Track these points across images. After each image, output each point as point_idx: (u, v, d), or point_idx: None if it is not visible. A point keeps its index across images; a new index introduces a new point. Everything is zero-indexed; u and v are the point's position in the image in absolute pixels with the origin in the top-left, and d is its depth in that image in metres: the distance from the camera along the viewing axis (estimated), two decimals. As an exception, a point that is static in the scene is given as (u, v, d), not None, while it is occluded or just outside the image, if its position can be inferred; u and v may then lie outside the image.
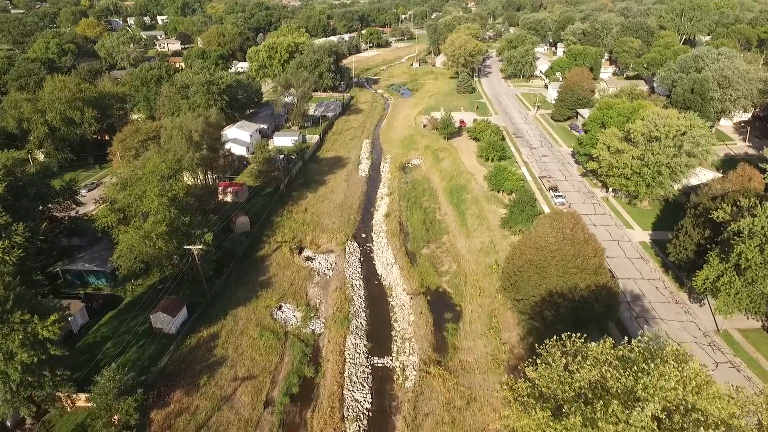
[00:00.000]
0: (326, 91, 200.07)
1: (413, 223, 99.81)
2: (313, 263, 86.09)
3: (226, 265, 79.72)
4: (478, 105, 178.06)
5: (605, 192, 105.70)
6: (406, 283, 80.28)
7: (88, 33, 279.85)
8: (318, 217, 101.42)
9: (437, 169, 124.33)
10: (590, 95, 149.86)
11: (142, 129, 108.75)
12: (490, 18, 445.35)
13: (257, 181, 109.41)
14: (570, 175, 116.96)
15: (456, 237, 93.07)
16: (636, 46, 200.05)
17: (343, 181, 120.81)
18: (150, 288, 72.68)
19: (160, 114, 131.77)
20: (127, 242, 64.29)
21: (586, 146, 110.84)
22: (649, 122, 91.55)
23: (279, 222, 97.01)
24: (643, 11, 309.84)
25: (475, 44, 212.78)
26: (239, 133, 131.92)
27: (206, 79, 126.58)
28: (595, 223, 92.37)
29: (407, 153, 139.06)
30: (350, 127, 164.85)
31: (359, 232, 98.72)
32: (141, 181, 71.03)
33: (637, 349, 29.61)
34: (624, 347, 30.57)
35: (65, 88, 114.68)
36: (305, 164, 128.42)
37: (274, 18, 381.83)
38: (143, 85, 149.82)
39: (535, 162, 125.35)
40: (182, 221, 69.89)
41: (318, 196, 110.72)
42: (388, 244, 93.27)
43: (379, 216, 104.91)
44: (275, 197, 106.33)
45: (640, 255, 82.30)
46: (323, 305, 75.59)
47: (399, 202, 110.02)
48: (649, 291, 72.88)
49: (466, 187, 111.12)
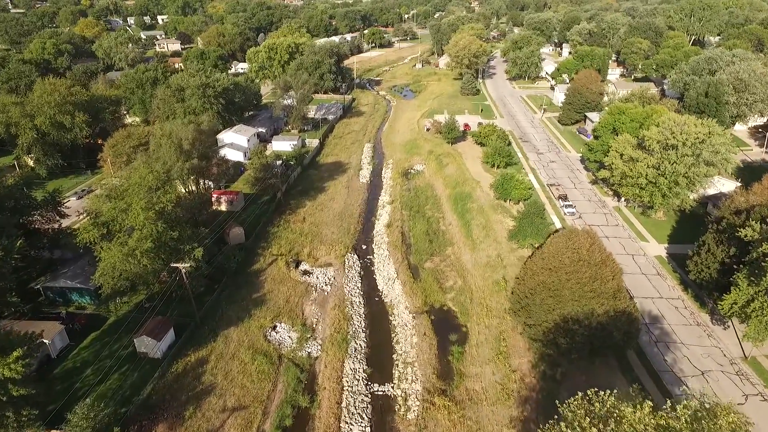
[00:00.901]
0: (327, 93, 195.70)
1: (416, 233, 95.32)
2: (311, 278, 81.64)
3: (218, 281, 75.34)
4: (482, 108, 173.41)
5: (617, 201, 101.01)
6: (409, 301, 75.80)
7: (87, 33, 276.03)
8: (317, 227, 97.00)
9: (441, 176, 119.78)
10: (599, 98, 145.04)
11: (134, 134, 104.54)
12: (493, 18, 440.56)
13: (254, 189, 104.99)
14: (579, 182, 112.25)
15: (461, 249, 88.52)
16: (645, 47, 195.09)
17: (344, 187, 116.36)
18: (136, 306, 68.41)
19: (154, 118, 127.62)
20: (109, 260, 59.96)
21: (597, 152, 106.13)
22: (664, 129, 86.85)
23: (275, 233, 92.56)
24: (650, 11, 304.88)
25: (479, 45, 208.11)
26: (236, 137, 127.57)
27: (202, 82, 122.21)
28: (608, 235, 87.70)
29: (410, 158, 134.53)
30: (351, 130, 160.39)
31: (359, 243, 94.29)
32: (127, 193, 66.73)
33: (683, 417, 24.96)
34: (667, 415, 25.90)
35: (55, 91, 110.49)
36: (304, 170, 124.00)
37: (275, 17, 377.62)
38: (138, 87, 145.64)
39: (543, 168, 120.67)
40: (170, 236, 65.58)
41: (317, 205, 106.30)
42: (389, 256, 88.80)
43: (380, 226, 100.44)
44: (272, 206, 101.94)
45: (657, 271, 77.59)
46: (320, 325, 71.16)
47: (401, 210, 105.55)
48: (668, 311, 68.20)
49: (471, 195, 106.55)
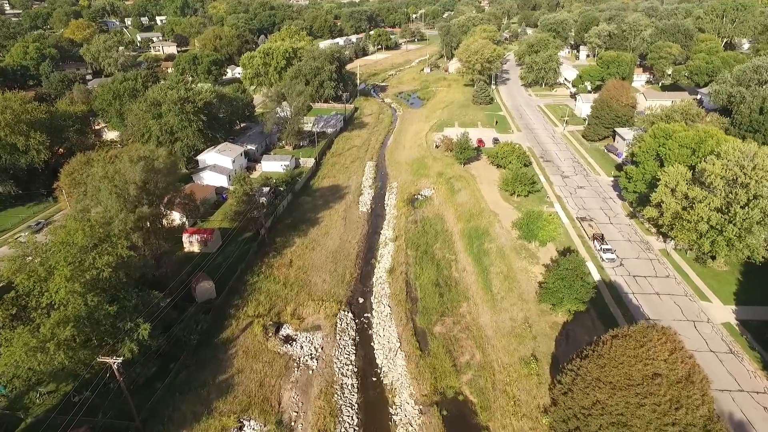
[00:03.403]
0: (328, 102, 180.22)
1: (423, 283, 79.52)
2: (293, 348, 65.94)
3: (175, 358, 59.99)
4: (497, 119, 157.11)
5: (663, 242, 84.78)
6: (414, 385, 60.07)
7: (77, 36, 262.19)
8: (305, 273, 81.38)
9: (452, 205, 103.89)
10: (631, 112, 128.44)
11: (94, 160, 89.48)
12: (504, 18, 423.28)
13: (234, 224, 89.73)
14: (615, 215, 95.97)
15: (478, 307, 72.61)
16: (675, 51, 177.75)
17: (340, 218, 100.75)
18: (63, 400, 53.16)
19: (127, 137, 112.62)
20: (9, 357, 44.64)
21: (637, 182, 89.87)
22: (730, 161, 70.55)
23: (254, 284, 76.95)
24: (671, 11, 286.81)
25: (493, 49, 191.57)
26: (219, 158, 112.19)
27: (180, 97, 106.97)
28: (659, 292, 71.49)
29: (417, 181, 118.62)
30: (352, 145, 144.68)
31: (356, 295, 78.66)
32: (50, 255, 51.58)
33: None
34: None
35: (7, 108, 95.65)
36: (296, 197, 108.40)
37: (278, 18, 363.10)
38: (115, 99, 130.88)
39: (570, 196, 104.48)
40: (105, 312, 50.33)
41: (308, 242, 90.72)
42: (391, 315, 73.12)
43: (381, 271, 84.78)
44: (254, 246, 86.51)
45: (728, 346, 61.27)
46: (301, 420, 55.60)
47: (406, 250, 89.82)
48: (755, 413, 51.97)
49: (488, 231, 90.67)
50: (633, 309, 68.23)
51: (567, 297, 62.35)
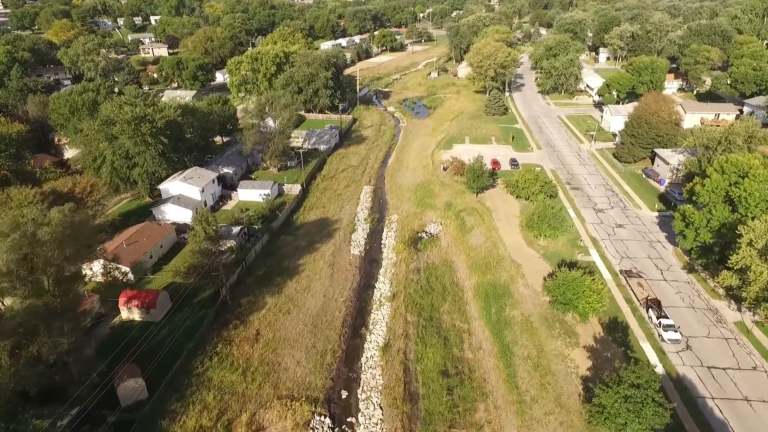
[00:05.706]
0: (323, 113, 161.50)
1: (427, 369, 60.63)
2: (244, 483, 47.48)
3: None
4: (513, 134, 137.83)
5: (737, 309, 65.66)
6: None
7: (60, 37, 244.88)
8: (274, 352, 62.76)
9: (464, 248, 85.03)
10: (675, 130, 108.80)
11: (15, 199, 71.49)
12: (515, 17, 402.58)
13: (188, 280, 71.39)
14: (668, 267, 76.68)
15: (500, 414, 53.71)
16: (714, 56, 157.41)
17: (326, 266, 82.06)
18: None
19: (76, 161, 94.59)
20: None
21: (699, 228, 70.54)
22: None
23: (203, 373, 58.39)
24: (695, 10, 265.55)
25: (507, 53, 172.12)
26: (185, 188, 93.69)
27: (135, 115, 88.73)
28: (748, 397, 52.33)
29: (421, 213, 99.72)
30: (348, 165, 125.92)
31: (337, 386, 59.98)
32: None
33: None
34: None
35: None
36: (273, 237, 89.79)
37: (278, 18, 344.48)
38: (72, 113, 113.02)
39: (608, 238, 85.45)
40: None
41: (282, 303, 72.03)
42: (382, 424, 54.33)
43: (372, 348, 65.96)
44: (211, 313, 68.03)
45: None
46: None
47: (405, 314, 70.96)
48: None
49: (509, 290, 71.82)
50: (718, 428, 49.19)
51: (633, 427, 43.20)
